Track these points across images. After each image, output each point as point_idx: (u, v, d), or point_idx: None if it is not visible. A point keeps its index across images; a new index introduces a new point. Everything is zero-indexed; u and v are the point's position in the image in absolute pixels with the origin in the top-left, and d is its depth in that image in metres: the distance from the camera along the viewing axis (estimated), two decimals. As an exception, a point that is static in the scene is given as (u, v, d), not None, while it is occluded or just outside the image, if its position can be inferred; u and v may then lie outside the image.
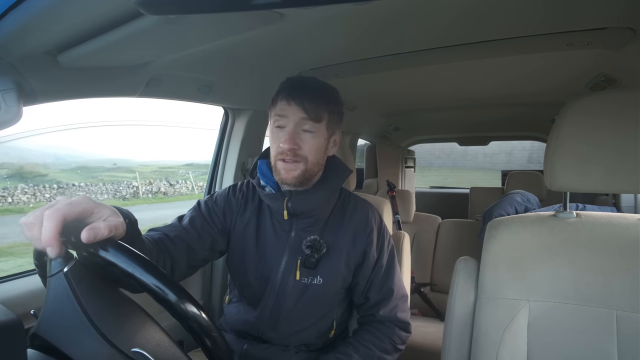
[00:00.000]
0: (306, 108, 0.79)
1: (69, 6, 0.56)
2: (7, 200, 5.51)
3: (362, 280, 0.90)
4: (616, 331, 0.65)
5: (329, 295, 0.89)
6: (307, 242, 0.85)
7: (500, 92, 1.60)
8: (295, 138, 0.80)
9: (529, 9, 0.79)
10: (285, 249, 0.88)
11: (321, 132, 0.83)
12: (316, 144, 0.82)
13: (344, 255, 0.88)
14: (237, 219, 0.91)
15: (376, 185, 2.74)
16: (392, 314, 0.91)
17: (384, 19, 0.81)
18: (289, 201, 0.83)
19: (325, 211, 0.89)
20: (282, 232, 0.89)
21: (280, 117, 0.81)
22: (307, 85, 0.83)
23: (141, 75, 0.91)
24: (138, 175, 7.93)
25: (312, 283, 0.86)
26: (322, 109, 0.82)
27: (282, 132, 0.81)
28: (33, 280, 0.89)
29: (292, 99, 0.80)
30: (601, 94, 0.74)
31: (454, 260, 0.84)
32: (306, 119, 0.80)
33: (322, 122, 0.82)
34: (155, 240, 0.79)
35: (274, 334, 0.89)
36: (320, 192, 0.85)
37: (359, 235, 0.89)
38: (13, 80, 0.67)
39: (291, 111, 0.80)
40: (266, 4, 0.40)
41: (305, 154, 0.81)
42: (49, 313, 0.52)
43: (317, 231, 0.88)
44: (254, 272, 0.89)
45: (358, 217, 0.91)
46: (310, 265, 0.85)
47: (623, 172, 0.66)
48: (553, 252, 0.72)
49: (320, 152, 0.85)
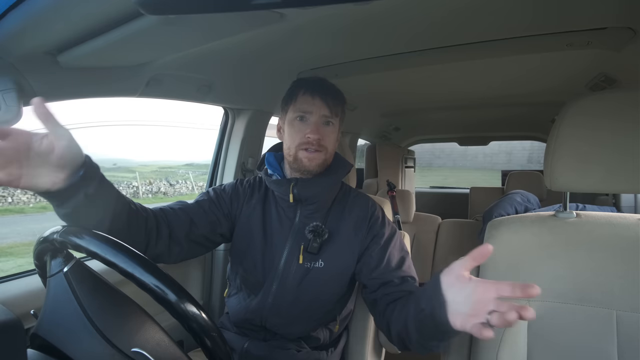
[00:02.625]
0: (329, 104, 0.87)
1: (69, 6, 0.56)
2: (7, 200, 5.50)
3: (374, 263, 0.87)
4: (616, 331, 0.65)
5: (330, 280, 0.90)
6: (310, 228, 0.89)
7: (500, 92, 1.60)
8: (320, 129, 0.87)
9: (529, 9, 0.79)
10: (289, 234, 0.91)
11: (337, 126, 0.92)
12: (334, 137, 0.91)
13: (345, 241, 0.90)
14: (243, 206, 0.95)
15: (376, 185, 2.74)
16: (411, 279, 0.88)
17: (384, 19, 0.81)
18: (295, 187, 0.87)
19: (328, 199, 0.93)
20: (286, 219, 0.92)
21: (304, 110, 0.88)
22: (325, 84, 0.91)
23: (141, 75, 0.91)
24: (138, 175, 7.92)
25: (314, 267, 0.89)
26: (339, 106, 0.91)
27: (305, 124, 0.87)
28: (33, 280, 0.89)
29: (316, 94, 0.87)
30: (601, 94, 0.74)
31: (454, 260, 0.83)
32: (329, 111, 0.88)
33: (338, 117, 0.91)
34: (156, 210, 0.84)
35: (277, 319, 0.89)
36: (324, 180, 0.90)
37: (360, 222, 0.92)
38: (13, 80, 0.68)
39: (316, 105, 0.87)
40: (266, 4, 0.40)
41: (327, 144, 0.88)
42: (49, 313, 0.52)
43: (319, 218, 0.91)
44: (259, 257, 0.91)
45: (358, 208, 0.94)
46: (313, 250, 0.88)
47: (623, 172, 0.66)
48: (553, 252, 0.72)
49: (335, 144, 0.93)
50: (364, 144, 2.91)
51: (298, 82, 0.92)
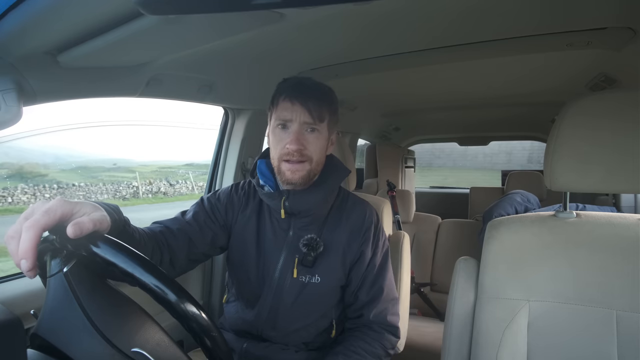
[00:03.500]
0: (310, 109, 0.80)
1: (69, 6, 0.56)
2: (7, 200, 5.50)
3: (355, 278, 0.90)
4: (616, 331, 0.65)
5: (326, 294, 0.89)
6: (304, 241, 0.86)
7: (500, 92, 1.60)
8: (301, 139, 0.80)
9: (529, 9, 0.78)
10: (283, 247, 0.88)
11: (323, 132, 0.84)
12: (319, 144, 0.84)
13: (341, 253, 0.88)
14: (238, 215, 0.93)
15: (376, 185, 2.74)
16: (382, 316, 0.89)
17: (384, 18, 0.81)
18: (286, 200, 0.84)
19: (323, 210, 0.90)
20: (280, 230, 0.89)
21: (284, 118, 0.82)
22: (308, 86, 0.84)
23: (141, 75, 0.91)
24: (138, 175, 7.92)
25: (311, 282, 0.87)
26: (324, 110, 0.83)
27: (286, 133, 0.82)
28: (33, 280, 0.88)
29: (295, 99, 0.80)
30: (601, 94, 0.74)
31: (454, 260, 0.84)
32: (310, 119, 0.81)
33: (324, 122, 0.83)
34: (156, 233, 0.80)
35: (273, 332, 0.89)
36: (317, 192, 0.86)
37: (355, 233, 0.90)
38: (13, 80, 0.67)
39: (295, 112, 0.80)
40: (266, 4, 0.40)
41: (311, 154, 0.82)
42: (49, 313, 0.51)
43: (315, 230, 0.88)
44: (252, 269, 0.89)
45: (355, 216, 0.91)
46: (307, 263, 0.85)
47: (623, 172, 0.66)
48: (553, 252, 0.72)
49: (323, 152, 0.86)
50: (364, 144, 2.91)
51: (279, 86, 0.86)
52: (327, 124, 0.85)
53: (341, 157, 1.15)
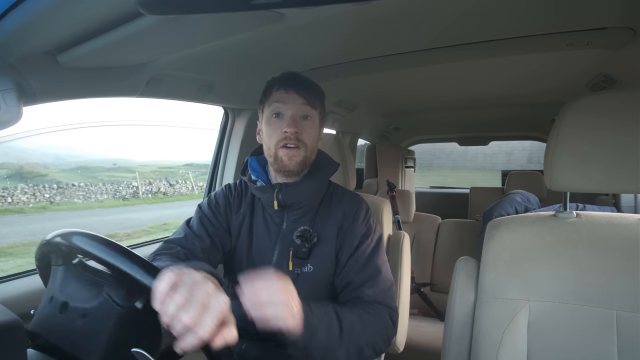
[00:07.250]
0: (304, 94, 0.84)
1: (69, 6, 0.56)
2: (7, 200, 5.51)
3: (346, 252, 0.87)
4: (616, 331, 0.65)
5: (319, 283, 0.89)
6: (297, 233, 0.87)
7: (500, 92, 1.60)
8: (297, 123, 0.84)
9: (529, 10, 0.79)
10: (277, 241, 0.89)
11: (315, 120, 0.88)
12: (313, 131, 0.87)
13: (333, 242, 0.89)
14: (233, 215, 0.94)
15: (376, 185, 2.74)
16: (381, 295, 0.83)
17: (384, 18, 0.81)
18: (279, 193, 0.86)
19: (315, 201, 0.91)
20: (273, 225, 0.90)
21: (279, 105, 0.85)
22: (299, 77, 0.88)
23: (141, 75, 0.91)
24: (138, 175, 7.92)
25: (303, 272, 0.87)
26: (316, 97, 0.87)
27: (281, 120, 0.85)
28: (33, 280, 0.89)
29: (289, 88, 0.84)
30: (601, 94, 0.74)
31: (454, 260, 0.84)
32: (305, 104, 0.84)
33: (317, 109, 0.87)
34: None
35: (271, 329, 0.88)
36: (308, 184, 0.88)
37: (346, 217, 0.90)
38: (13, 80, 0.67)
39: (290, 98, 0.84)
40: (266, 4, 0.40)
41: (305, 140, 0.85)
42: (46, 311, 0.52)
43: (307, 222, 0.89)
44: (247, 265, 0.90)
45: (346, 202, 0.92)
46: (302, 255, 0.86)
47: (623, 171, 0.66)
48: (553, 252, 0.72)
49: (315, 141, 0.89)
50: (364, 144, 2.91)
51: (270, 81, 0.90)
52: (319, 114, 0.89)
53: (341, 157, 1.15)
